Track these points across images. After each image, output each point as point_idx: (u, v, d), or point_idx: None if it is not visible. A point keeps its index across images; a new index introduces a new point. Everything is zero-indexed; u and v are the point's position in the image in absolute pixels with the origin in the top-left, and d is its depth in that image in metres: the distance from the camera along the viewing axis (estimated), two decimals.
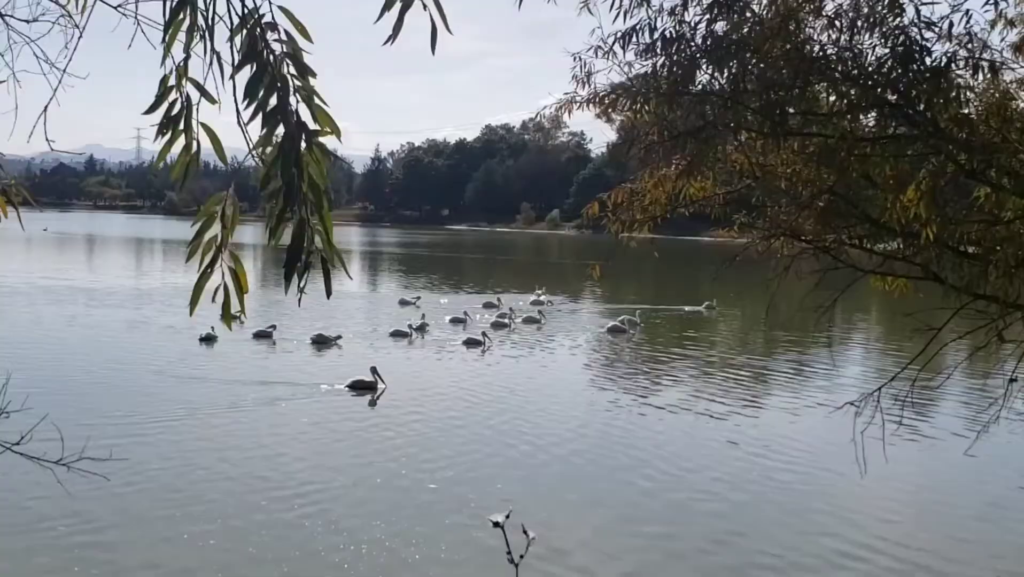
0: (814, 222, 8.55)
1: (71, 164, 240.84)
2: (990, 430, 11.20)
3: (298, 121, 2.76)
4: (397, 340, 33.25)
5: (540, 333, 36.78)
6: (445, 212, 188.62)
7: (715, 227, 9.75)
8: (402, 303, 44.15)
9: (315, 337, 31.46)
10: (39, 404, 7.79)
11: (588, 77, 7.84)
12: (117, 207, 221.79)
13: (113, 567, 12.58)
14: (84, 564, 12.51)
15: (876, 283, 8.83)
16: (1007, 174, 6.99)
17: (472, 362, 30.00)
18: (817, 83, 7.18)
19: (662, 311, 44.05)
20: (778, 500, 16.31)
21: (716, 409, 23.36)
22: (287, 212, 2.72)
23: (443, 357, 30.70)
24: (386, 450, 18.59)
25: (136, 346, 30.79)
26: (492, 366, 29.42)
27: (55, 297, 42.96)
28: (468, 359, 30.45)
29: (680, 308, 45.58)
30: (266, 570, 12.56)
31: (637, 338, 35.79)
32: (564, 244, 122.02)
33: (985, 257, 7.41)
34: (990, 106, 7.10)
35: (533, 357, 31.77)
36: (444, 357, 30.70)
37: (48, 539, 13.28)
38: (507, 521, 3.44)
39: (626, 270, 48.72)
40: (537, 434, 20.06)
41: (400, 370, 26.74)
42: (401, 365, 28.12)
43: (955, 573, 13.43)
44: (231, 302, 2.79)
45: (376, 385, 24.08)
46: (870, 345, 37.44)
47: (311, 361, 29.09)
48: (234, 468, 16.98)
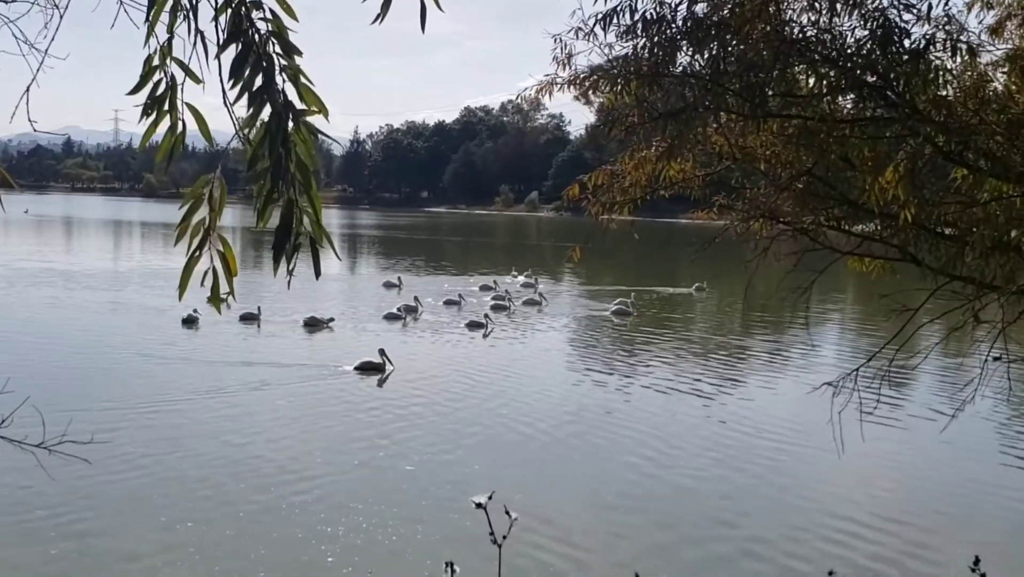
0: (793, 204, 8.59)
1: (49, 146, 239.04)
2: (966, 409, 11.31)
3: (285, 101, 2.75)
4: (391, 323, 33.13)
5: (540, 316, 36.89)
6: (424, 194, 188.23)
7: (694, 209, 9.76)
8: (387, 285, 44.09)
9: (307, 320, 31.35)
10: (21, 387, 7.75)
11: (568, 59, 7.82)
12: (95, 189, 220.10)
13: (94, 551, 12.56)
14: (65, 547, 12.49)
15: (853, 264, 8.88)
16: (984, 156, 7.04)
17: (476, 344, 30.08)
18: (797, 65, 7.21)
19: (651, 293, 44.14)
20: (760, 480, 16.45)
21: (704, 389, 23.68)
22: (275, 193, 2.73)
23: (448, 340, 30.73)
24: (386, 433, 18.57)
25: (119, 328, 30.67)
26: (495, 348, 29.56)
27: (36, 280, 42.66)
28: (472, 341, 30.51)
29: (668, 289, 45.82)
30: (247, 552, 12.57)
31: (633, 321, 35.89)
32: (543, 226, 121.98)
33: (962, 238, 7.46)
34: (968, 88, 7.15)
35: (535, 340, 31.92)
36: (449, 339, 30.73)
37: (28, 523, 13.23)
38: (489, 502, 3.47)
39: (605, 252, 48.77)
40: (535, 417, 20.17)
41: (406, 352, 26.72)
42: (406, 348, 28.06)
43: (934, 547, 13.60)
44: (220, 285, 2.79)
45: (384, 367, 24.19)
46: (848, 326, 37.72)
47: (306, 344, 29.07)
48: (220, 451, 16.96)
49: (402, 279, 45.21)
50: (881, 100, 7.10)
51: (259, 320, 31.36)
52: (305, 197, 2.74)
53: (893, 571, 12.66)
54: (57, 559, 12.17)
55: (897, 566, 12.86)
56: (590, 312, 38.46)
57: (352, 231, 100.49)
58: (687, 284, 45.20)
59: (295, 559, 12.36)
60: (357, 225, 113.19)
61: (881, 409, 15.81)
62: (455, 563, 3.71)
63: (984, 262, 7.18)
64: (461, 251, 76.51)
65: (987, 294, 7.57)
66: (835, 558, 12.83)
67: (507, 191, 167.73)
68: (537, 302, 39.07)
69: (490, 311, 34.72)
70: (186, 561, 12.19)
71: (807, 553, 13.17)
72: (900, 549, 13.47)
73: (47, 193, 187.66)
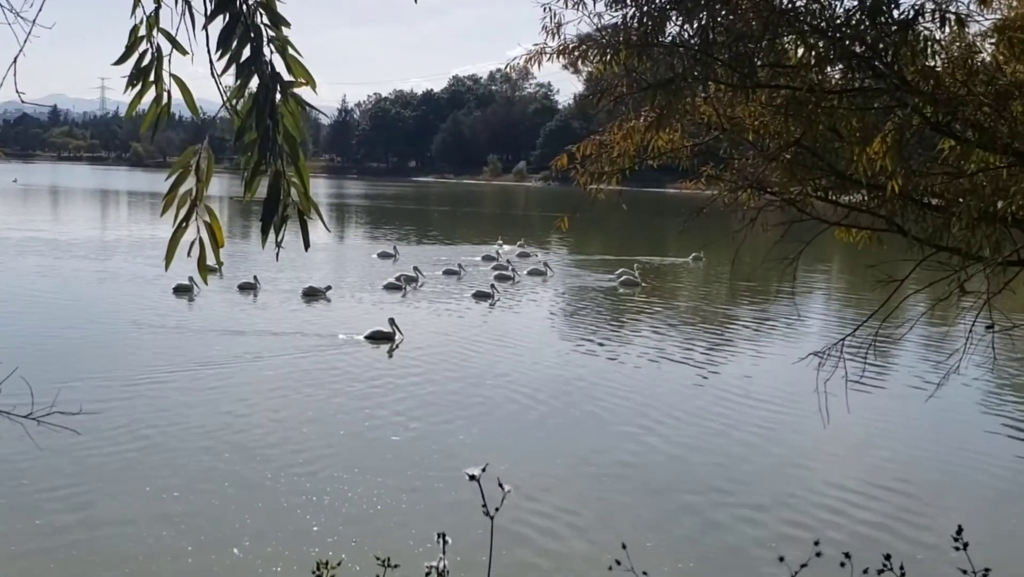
0: (781, 174, 8.60)
1: (35, 115, 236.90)
2: (953, 378, 11.39)
3: (272, 72, 2.74)
4: (391, 292, 33.13)
5: (545, 286, 36.88)
6: (412, 164, 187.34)
7: (682, 179, 9.74)
8: (382, 255, 43.99)
9: (306, 289, 31.46)
10: (10, 358, 7.73)
11: (558, 28, 7.77)
12: (81, 158, 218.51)
13: (84, 522, 12.60)
14: (53, 519, 12.53)
15: (840, 235, 8.90)
16: (971, 127, 7.04)
17: (482, 314, 30.23)
18: (786, 35, 7.18)
19: (649, 261, 44.16)
20: (751, 448, 16.60)
21: (696, 359, 24.12)
22: (262, 164, 2.72)
23: (454, 309, 30.82)
24: (381, 403, 18.77)
25: (109, 298, 30.66)
26: (501, 318, 29.73)
27: (24, 249, 42.53)
28: (477, 311, 30.61)
29: (667, 259, 45.73)
30: (233, 521, 12.63)
31: (638, 291, 35.97)
32: (531, 196, 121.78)
33: (948, 209, 7.48)
34: (956, 59, 7.15)
35: (540, 310, 32.14)
36: (454, 309, 30.83)
37: (16, 494, 13.25)
38: (483, 474, 3.49)
39: (593, 222, 48.75)
40: (534, 387, 20.38)
41: (409, 323, 26.69)
42: (409, 317, 28.00)
43: (921, 514, 13.74)
44: (207, 256, 2.79)
45: (394, 336, 24.46)
46: (834, 296, 37.86)
47: (304, 313, 29.11)
48: (211, 421, 17.00)
49: (398, 248, 45.13)
50: (869, 71, 7.08)
51: (256, 289, 31.42)
52: (293, 168, 2.74)
53: (882, 535, 12.78)
54: (45, 530, 12.20)
55: (886, 531, 12.98)
56: (598, 282, 38.34)
57: (340, 201, 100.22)
58: (680, 254, 45.15)
59: (281, 528, 12.41)
60: (345, 195, 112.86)
61: (868, 378, 15.96)
62: (447, 534, 3.73)
63: (970, 233, 7.19)
64: (450, 221, 76.37)
65: (973, 265, 7.60)
66: (827, 524, 12.99)
67: (495, 161, 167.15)
68: (542, 272, 38.99)
69: (495, 281, 34.75)
70: (173, 529, 12.24)
71: (798, 519, 13.31)
72: (889, 515, 13.63)
73: (33, 162, 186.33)
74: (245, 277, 31.90)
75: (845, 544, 12.58)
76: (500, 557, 11.27)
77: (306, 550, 11.46)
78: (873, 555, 4.23)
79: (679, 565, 11.93)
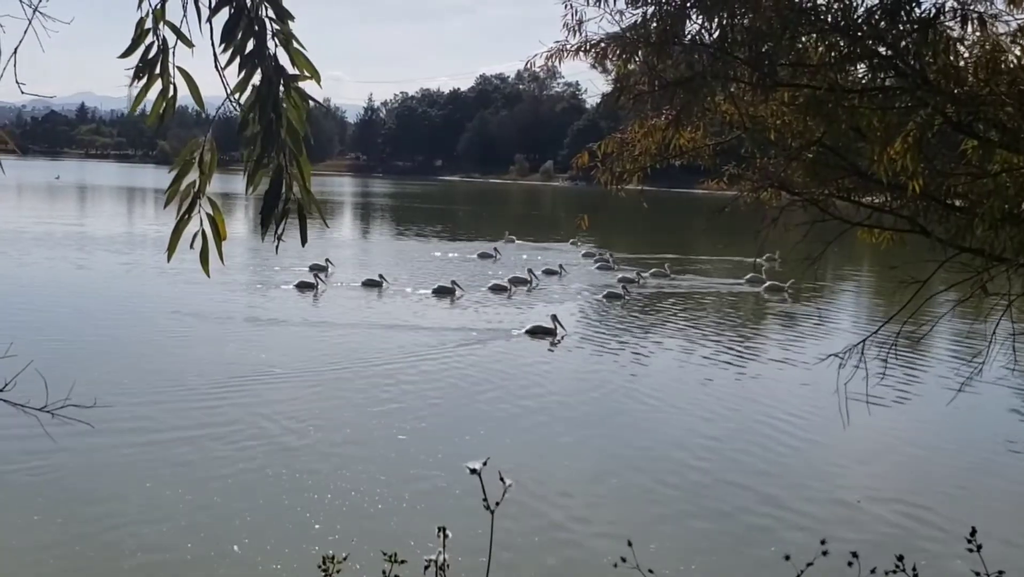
0: (803, 174, 8.54)
1: (63, 112, 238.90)
2: (973, 381, 11.29)
3: (276, 65, 2.74)
4: (497, 294, 33.71)
5: (667, 293, 35.84)
6: (438, 162, 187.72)
7: (706, 178, 9.71)
8: (482, 256, 44.54)
9: (436, 288, 32.74)
10: (25, 351, 7.78)
11: (579, 25, 7.74)
12: (109, 156, 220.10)
13: (95, 514, 12.59)
14: (67, 511, 12.55)
15: (863, 236, 8.83)
16: (994, 127, 6.96)
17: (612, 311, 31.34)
18: (806, 34, 7.13)
19: (707, 262, 44.00)
20: (763, 450, 16.47)
21: (717, 359, 23.72)
22: (265, 159, 2.72)
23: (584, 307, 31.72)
24: (378, 400, 18.70)
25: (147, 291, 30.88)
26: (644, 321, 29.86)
27: (67, 244, 43.45)
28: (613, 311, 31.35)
29: (736, 258, 42.27)
30: (233, 518, 12.59)
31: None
32: (557, 195, 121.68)
33: (971, 210, 7.40)
34: (979, 58, 7.07)
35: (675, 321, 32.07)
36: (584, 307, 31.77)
37: (32, 487, 13.28)
38: (484, 468, 3.48)
39: (616, 220, 48.72)
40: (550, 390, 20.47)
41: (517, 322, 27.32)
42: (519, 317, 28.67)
43: (941, 516, 13.60)
44: (209, 248, 2.79)
45: (556, 331, 25.31)
46: (858, 297, 37.61)
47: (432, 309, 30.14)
48: (224, 417, 17.04)
49: (499, 249, 45.58)
50: (891, 70, 7.02)
51: (381, 286, 33.20)
52: (294, 163, 2.73)
53: (895, 536, 12.66)
54: (56, 521, 12.21)
55: (900, 532, 12.88)
56: (730, 287, 37.86)
57: (366, 200, 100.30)
58: (743, 254, 40.97)
59: (282, 525, 12.41)
60: (371, 193, 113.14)
61: (890, 380, 15.81)
62: (447, 528, 3.72)
63: (993, 234, 7.13)
64: (511, 220, 75.57)
65: (996, 266, 7.53)
66: (841, 524, 12.91)
67: (522, 160, 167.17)
68: (665, 274, 38.81)
69: (620, 284, 35.38)
70: (174, 525, 12.25)
71: (808, 522, 13.18)
72: (905, 515, 13.53)
73: (61, 159, 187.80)
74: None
75: (858, 545, 12.44)
76: (511, 557, 11.28)
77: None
78: (886, 557, 4.20)
79: (685, 564, 11.82)
